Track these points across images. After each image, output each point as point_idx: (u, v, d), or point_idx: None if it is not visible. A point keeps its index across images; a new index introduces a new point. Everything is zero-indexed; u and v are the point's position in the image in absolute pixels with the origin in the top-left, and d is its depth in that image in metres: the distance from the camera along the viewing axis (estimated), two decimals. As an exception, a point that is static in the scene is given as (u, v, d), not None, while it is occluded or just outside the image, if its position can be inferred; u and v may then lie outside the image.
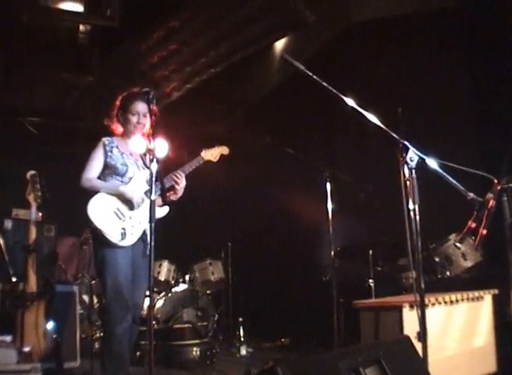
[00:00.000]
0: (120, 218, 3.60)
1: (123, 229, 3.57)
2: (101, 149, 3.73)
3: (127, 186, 3.67)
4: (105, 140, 3.77)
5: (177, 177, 3.75)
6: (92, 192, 3.58)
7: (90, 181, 3.63)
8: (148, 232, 3.64)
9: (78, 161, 3.83)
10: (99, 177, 3.71)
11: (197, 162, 3.91)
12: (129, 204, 3.65)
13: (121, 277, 3.52)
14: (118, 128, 3.84)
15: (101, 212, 3.55)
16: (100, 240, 3.55)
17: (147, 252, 3.63)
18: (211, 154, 3.97)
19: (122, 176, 3.71)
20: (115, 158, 3.71)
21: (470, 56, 5.07)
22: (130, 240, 3.60)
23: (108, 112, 3.84)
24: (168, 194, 3.69)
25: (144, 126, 3.77)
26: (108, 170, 3.71)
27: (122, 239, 3.55)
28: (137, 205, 3.65)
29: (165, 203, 3.74)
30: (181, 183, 3.76)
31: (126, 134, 3.83)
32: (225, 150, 4.05)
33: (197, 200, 6.98)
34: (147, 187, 3.73)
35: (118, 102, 3.82)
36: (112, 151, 3.72)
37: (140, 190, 3.71)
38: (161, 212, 3.76)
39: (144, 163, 3.81)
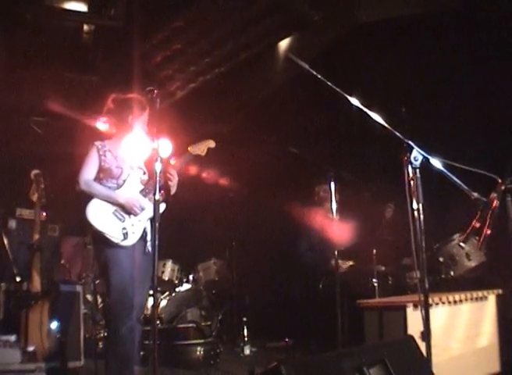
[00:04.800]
0: (120, 218, 3.63)
1: (124, 229, 3.60)
2: (95, 153, 3.73)
3: (121, 190, 3.69)
4: (98, 144, 3.76)
5: (170, 174, 3.76)
6: (88, 197, 3.61)
7: (88, 185, 3.64)
8: (148, 230, 3.68)
9: (81, 161, 3.83)
10: (94, 180, 3.71)
11: (187, 158, 3.93)
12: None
13: (125, 277, 3.54)
14: (111, 130, 3.83)
15: (101, 214, 3.58)
16: (102, 241, 3.57)
17: (147, 250, 3.66)
18: (199, 148, 3.96)
19: (117, 178, 3.73)
20: (110, 162, 3.73)
21: (476, 56, 5.06)
22: (133, 239, 3.63)
23: (100, 114, 3.83)
24: (162, 191, 3.71)
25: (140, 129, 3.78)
26: (103, 174, 3.72)
27: (125, 239, 3.58)
28: (130, 212, 3.66)
29: (162, 200, 3.75)
30: (174, 180, 3.78)
31: (119, 136, 3.83)
32: (211, 143, 4.02)
33: (202, 199, 6.98)
34: (142, 187, 3.77)
35: (113, 105, 3.79)
36: (105, 155, 3.73)
37: (134, 191, 3.74)
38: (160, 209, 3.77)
39: (138, 163, 3.84)
